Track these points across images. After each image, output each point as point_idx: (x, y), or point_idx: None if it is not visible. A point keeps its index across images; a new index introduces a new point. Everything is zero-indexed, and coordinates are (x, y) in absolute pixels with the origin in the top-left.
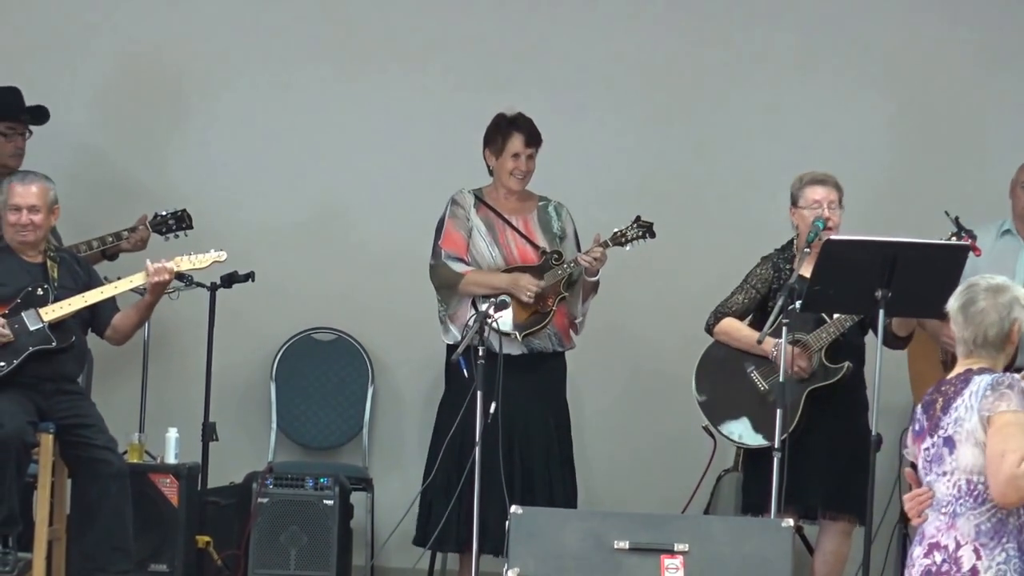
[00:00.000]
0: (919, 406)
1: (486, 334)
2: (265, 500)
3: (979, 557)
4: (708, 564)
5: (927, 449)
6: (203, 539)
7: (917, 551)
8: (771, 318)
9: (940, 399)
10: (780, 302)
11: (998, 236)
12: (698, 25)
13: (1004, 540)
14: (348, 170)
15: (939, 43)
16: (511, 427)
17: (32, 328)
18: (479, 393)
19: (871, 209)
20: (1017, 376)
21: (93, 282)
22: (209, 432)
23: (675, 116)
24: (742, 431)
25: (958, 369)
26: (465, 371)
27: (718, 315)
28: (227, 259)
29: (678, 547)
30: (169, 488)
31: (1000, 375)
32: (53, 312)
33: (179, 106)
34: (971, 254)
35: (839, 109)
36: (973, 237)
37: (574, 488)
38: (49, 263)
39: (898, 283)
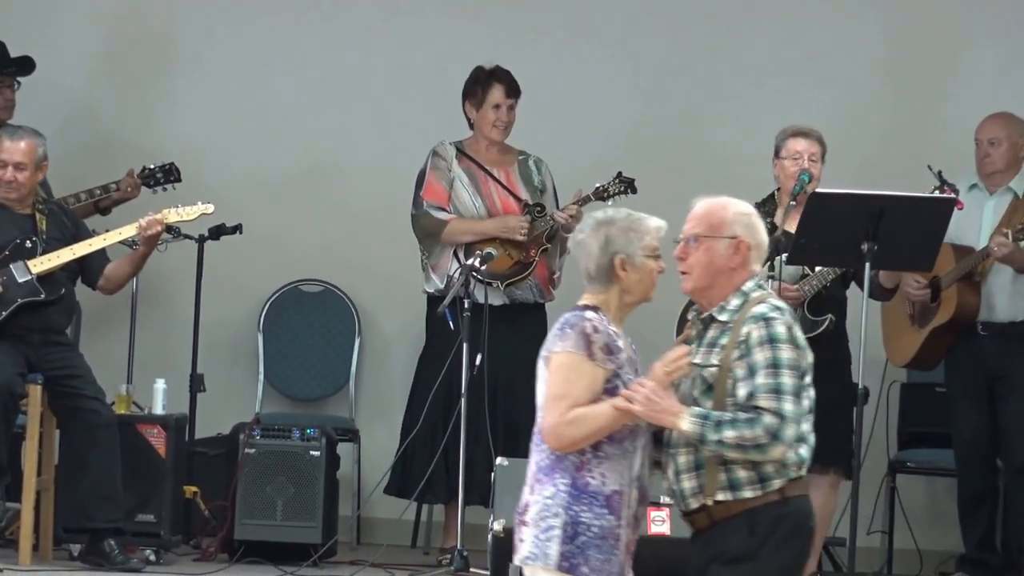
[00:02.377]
0: None
1: (471, 286)
2: (252, 451)
3: (532, 492)
4: None
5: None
6: (190, 489)
7: None
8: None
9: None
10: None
11: (967, 191)
12: None
13: (557, 476)
14: (335, 123)
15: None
16: (495, 377)
17: (21, 280)
18: (465, 345)
19: (855, 164)
20: (592, 315)
21: (81, 234)
22: (196, 383)
23: (656, 73)
24: None
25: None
26: (451, 323)
27: None
28: (215, 211)
29: (664, 500)
30: (157, 439)
31: (577, 313)
32: (42, 264)
33: (168, 60)
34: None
35: (823, 65)
36: (956, 192)
37: None
38: (38, 215)
39: (884, 236)
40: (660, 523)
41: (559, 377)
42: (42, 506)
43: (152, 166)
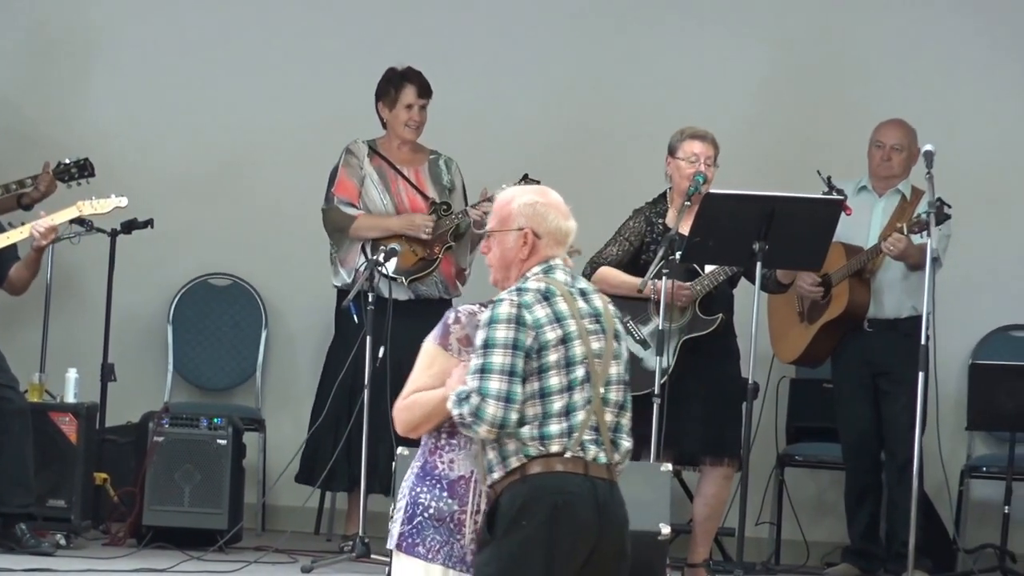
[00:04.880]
0: None
1: (375, 280)
2: (161, 439)
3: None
4: None
5: None
6: (100, 476)
7: None
8: (652, 268)
9: None
10: (661, 252)
11: (855, 192)
12: None
13: (415, 461)
14: (245, 120)
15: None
16: (398, 369)
17: None
18: (368, 338)
19: (749, 166)
20: (469, 308)
21: None
22: (107, 373)
23: (564, 77)
24: None
25: None
26: (356, 316)
27: (594, 265)
28: (127, 206)
29: None
30: (68, 426)
31: (457, 306)
32: None
33: (83, 56)
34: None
35: (720, 66)
36: (844, 196)
37: None
38: None
39: (775, 236)
40: None
41: (416, 365)
42: None
43: (67, 161)
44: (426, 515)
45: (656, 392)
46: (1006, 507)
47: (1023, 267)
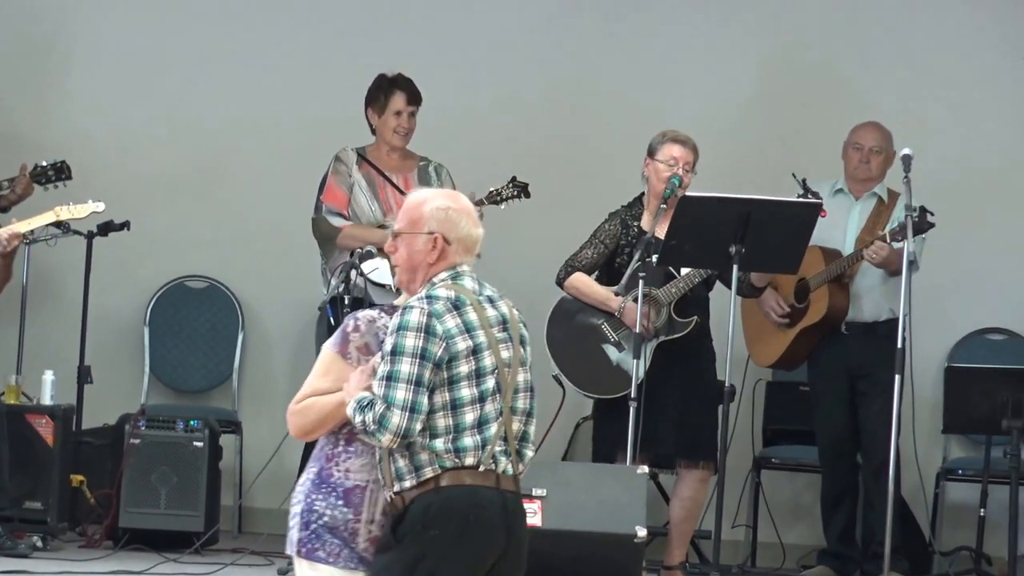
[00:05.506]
0: None
1: (354, 281)
2: (137, 441)
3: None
4: (565, 509)
5: None
6: (77, 478)
7: None
8: (628, 271)
9: None
10: (637, 255)
11: (831, 194)
12: None
13: (311, 465)
14: (223, 124)
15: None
16: None
17: None
18: None
19: (724, 170)
20: (367, 315)
21: None
22: (84, 375)
23: (550, 81)
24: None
25: None
26: (332, 319)
27: (569, 269)
28: (104, 209)
29: (535, 492)
30: (45, 428)
31: (357, 312)
32: None
33: (61, 58)
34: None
35: (708, 70)
36: (819, 199)
37: None
38: None
39: (751, 239)
40: (531, 515)
41: (313, 370)
42: None
43: (44, 163)
44: (320, 522)
45: (633, 395)
46: (982, 510)
47: (999, 270)
